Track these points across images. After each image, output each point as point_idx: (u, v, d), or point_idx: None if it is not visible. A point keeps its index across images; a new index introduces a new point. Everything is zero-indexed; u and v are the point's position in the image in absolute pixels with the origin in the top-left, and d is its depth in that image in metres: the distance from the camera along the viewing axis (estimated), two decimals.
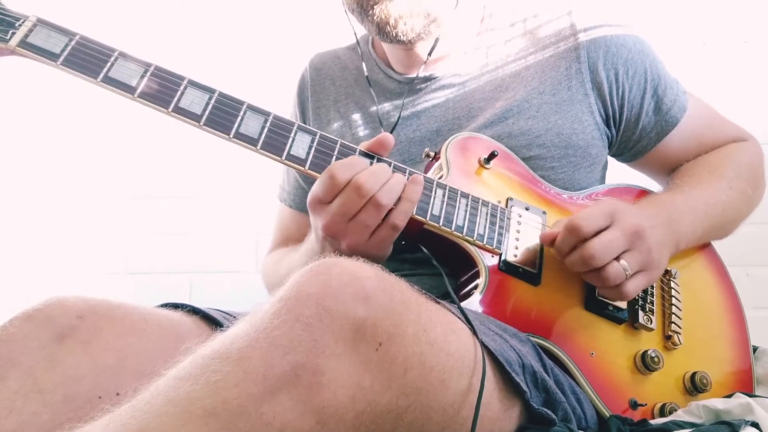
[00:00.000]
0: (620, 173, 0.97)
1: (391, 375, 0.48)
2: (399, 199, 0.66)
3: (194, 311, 0.72)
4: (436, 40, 0.86)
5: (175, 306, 0.73)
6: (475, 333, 0.56)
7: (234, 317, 0.73)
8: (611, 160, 0.95)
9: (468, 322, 0.56)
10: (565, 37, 0.86)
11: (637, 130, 0.88)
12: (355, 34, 0.95)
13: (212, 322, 0.71)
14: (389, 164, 0.71)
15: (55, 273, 1.47)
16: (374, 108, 0.92)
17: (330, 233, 0.66)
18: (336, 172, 0.64)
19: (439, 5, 0.82)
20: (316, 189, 0.66)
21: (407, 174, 0.71)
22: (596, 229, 0.68)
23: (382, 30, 0.81)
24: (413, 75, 0.90)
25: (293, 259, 0.85)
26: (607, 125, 0.87)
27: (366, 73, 0.93)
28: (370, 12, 0.80)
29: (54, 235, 1.49)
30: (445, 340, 0.53)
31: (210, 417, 0.42)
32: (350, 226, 0.65)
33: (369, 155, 0.71)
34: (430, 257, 0.74)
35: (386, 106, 0.91)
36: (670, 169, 0.92)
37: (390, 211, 0.66)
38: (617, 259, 0.67)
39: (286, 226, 1.05)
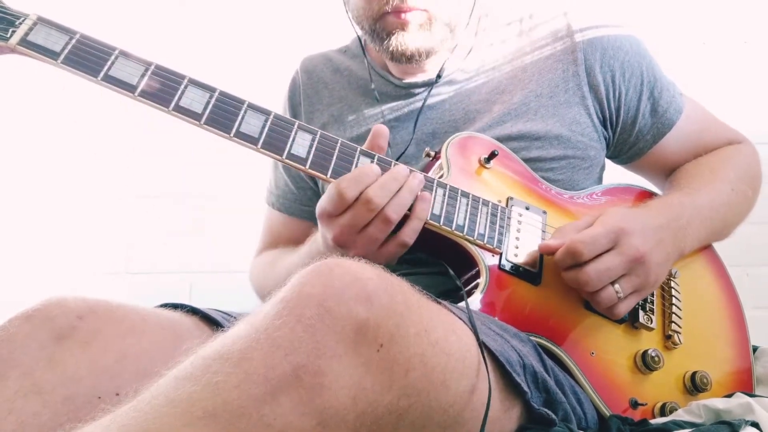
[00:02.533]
0: (617, 175, 0.97)
1: (392, 376, 0.47)
2: (408, 216, 0.67)
3: (194, 311, 0.72)
4: (444, 62, 0.87)
5: (175, 306, 0.73)
6: (476, 334, 0.56)
7: (234, 318, 0.73)
8: (608, 163, 0.94)
9: (472, 324, 0.56)
10: (561, 38, 0.86)
11: (634, 132, 0.88)
12: (359, 38, 0.95)
13: (212, 322, 0.71)
14: (390, 163, 0.71)
15: (55, 273, 1.47)
16: (370, 111, 0.91)
17: (340, 243, 0.67)
18: (344, 189, 0.64)
19: (452, 29, 0.84)
20: (324, 203, 0.66)
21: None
22: (597, 254, 0.68)
23: (396, 58, 0.82)
24: (411, 80, 0.90)
25: (292, 261, 0.85)
26: (605, 127, 0.87)
27: (372, 79, 0.92)
28: (386, 41, 0.81)
29: (54, 235, 1.49)
30: (446, 341, 0.52)
31: (210, 418, 0.41)
32: (359, 238, 0.66)
33: (369, 154, 0.71)
34: (427, 257, 0.74)
35: (383, 109, 0.91)
36: (666, 172, 0.92)
37: (400, 228, 0.67)
38: (612, 282, 0.68)
39: (275, 230, 1.05)
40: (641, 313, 0.75)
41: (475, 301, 0.68)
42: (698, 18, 1.57)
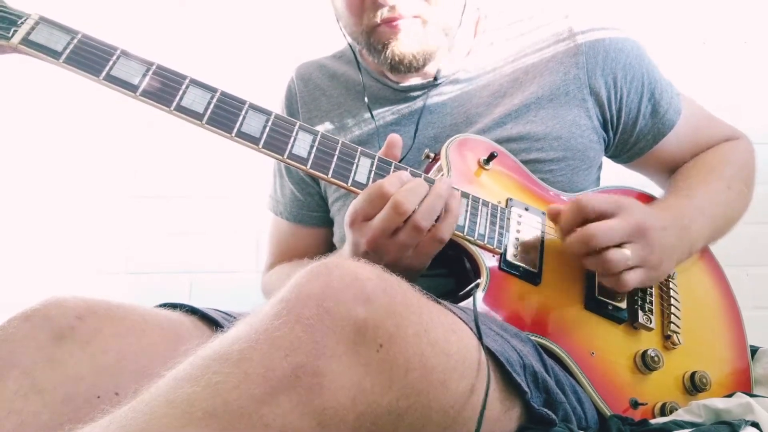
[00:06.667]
0: (615, 176, 0.97)
1: (391, 376, 0.47)
2: (444, 212, 0.67)
3: (193, 311, 0.72)
4: (440, 64, 0.86)
5: (174, 306, 0.73)
6: (480, 336, 0.56)
7: (233, 317, 0.73)
8: (606, 161, 0.95)
9: (477, 325, 0.56)
10: (562, 40, 0.86)
11: (635, 134, 0.88)
12: (350, 45, 0.94)
13: (211, 322, 0.71)
14: (390, 164, 0.71)
15: (55, 273, 1.47)
16: (369, 115, 0.91)
17: (373, 249, 0.66)
18: (387, 186, 0.64)
19: (446, 33, 0.83)
20: (358, 204, 0.66)
21: (422, 178, 0.71)
22: (600, 211, 0.69)
23: (395, 68, 0.82)
24: (408, 82, 0.89)
25: None
26: (605, 129, 0.88)
27: (363, 83, 0.92)
28: (384, 54, 0.80)
29: (54, 235, 1.49)
30: (446, 341, 0.52)
31: (210, 418, 0.41)
32: (391, 243, 0.65)
33: (370, 155, 0.71)
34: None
35: (382, 114, 0.91)
36: (666, 169, 0.92)
37: (434, 225, 0.66)
38: (619, 246, 0.68)
39: (284, 240, 1.04)
40: (640, 313, 0.75)
41: (476, 301, 0.68)
42: (698, 18, 1.57)
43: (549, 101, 0.84)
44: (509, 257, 0.73)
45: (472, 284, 0.72)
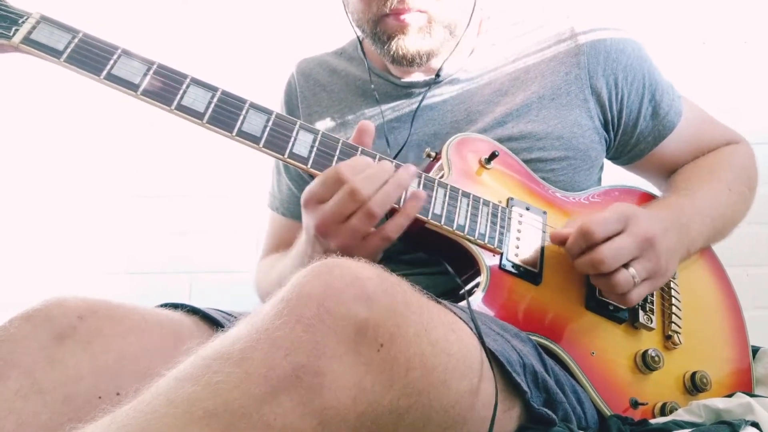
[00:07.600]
0: (617, 174, 0.97)
1: (392, 376, 0.47)
2: (396, 211, 0.66)
3: (194, 311, 0.72)
4: (443, 62, 0.86)
5: (175, 306, 0.73)
6: (480, 337, 0.56)
7: (234, 317, 0.73)
8: (608, 163, 0.95)
9: (476, 326, 0.56)
10: (564, 40, 0.86)
11: (635, 135, 0.88)
12: (359, 38, 0.94)
13: (212, 322, 0.71)
14: (391, 162, 0.71)
15: (55, 273, 1.47)
16: (371, 112, 0.91)
17: (321, 233, 0.66)
18: (344, 171, 0.64)
19: (451, 31, 0.83)
20: (314, 186, 0.66)
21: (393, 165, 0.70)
22: (609, 235, 0.68)
23: (398, 61, 0.82)
24: (411, 79, 0.90)
25: (285, 264, 0.85)
26: (606, 129, 0.88)
27: (370, 77, 0.92)
28: (387, 46, 0.81)
29: (54, 235, 1.49)
30: (446, 341, 0.53)
31: (211, 418, 0.41)
32: (342, 229, 0.65)
33: (371, 154, 0.71)
34: (428, 257, 0.74)
35: (384, 110, 0.91)
36: (666, 172, 0.93)
37: (385, 221, 0.66)
38: (626, 266, 0.68)
39: (278, 235, 1.04)
40: (641, 313, 0.75)
41: (476, 301, 0.68)
42: (698, 18, 1.57)
43: (551, 101, 0.84)
44: (510, 257, 0.73)
45: (472, 284, 0.72)
